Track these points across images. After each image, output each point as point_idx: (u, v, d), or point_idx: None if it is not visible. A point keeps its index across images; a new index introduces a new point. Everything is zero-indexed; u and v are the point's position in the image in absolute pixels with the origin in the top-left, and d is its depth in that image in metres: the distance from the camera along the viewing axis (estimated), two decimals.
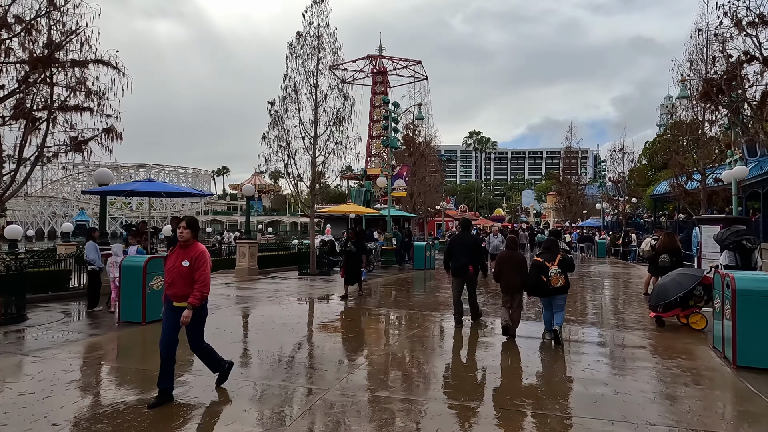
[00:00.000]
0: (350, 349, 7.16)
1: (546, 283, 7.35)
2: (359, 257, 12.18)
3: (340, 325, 8.97)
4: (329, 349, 7.14)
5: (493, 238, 15.81)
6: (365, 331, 8.60)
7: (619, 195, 37.79)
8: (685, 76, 18.01)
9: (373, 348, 7.20)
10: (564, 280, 7.35)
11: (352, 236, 12.25)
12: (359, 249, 12.12)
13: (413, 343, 7.50)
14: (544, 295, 7.53)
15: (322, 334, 8.22)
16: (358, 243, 12.08)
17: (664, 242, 12.00)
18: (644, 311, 10.40)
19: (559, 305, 7.47)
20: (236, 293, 12.56)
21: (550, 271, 7.34)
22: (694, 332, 8.42)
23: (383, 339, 7.92)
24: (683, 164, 21.51)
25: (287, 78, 17.44)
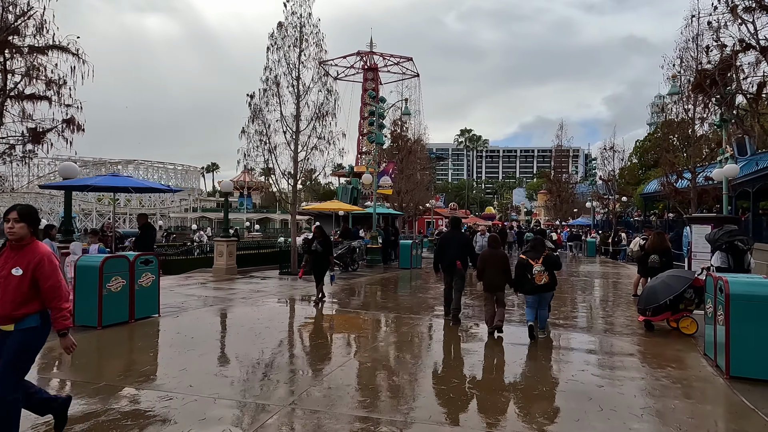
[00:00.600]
0: (317, 357, 6.64)
1: (531, 281, 7.44)
2: (326, 258, 10.95)
3: (313, 331, 8.45)
4: (295, 357, 6.63)
5: (480, 238, 15.22)
6: (338, 336, 8.09)
7: (610, 193, 37.54)
8: (676, 72, 17.65)
9: (342, 357, 6.69)
10: (548, 277, 7.42)
11: (317, 235, 11.05)
12: (326, 249, 10.94)
13: (389, 350, 7.00)
14: (529, 292, 7.59)
15: (289, 341, 7.69)
16: (325, 242, 10.96)
17: (653, 242, 11.59)
18: (633, 314, 9.98)
19: (544, 303, 7.66)
20: (208, 294, 11.99)
21: (534, 268, 7.43)
22: (685, 337, 8.00)
23: (356, 346, 7.41)
24: (673, 162, 21.22)
25: (268, 70, 16.85)
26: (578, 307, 11.36)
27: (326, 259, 10.94)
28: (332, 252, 11.18)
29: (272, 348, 6.97)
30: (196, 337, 7.48)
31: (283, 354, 6.72)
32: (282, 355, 6.67)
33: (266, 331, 7.99)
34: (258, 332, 7.87)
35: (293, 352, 6.90)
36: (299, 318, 9.27)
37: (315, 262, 10.97)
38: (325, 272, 11.05)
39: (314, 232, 11.27)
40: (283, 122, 17.01)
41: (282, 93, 17.11)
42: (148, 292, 8.73)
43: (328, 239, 11.27)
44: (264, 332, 7.91)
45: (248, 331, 7.97)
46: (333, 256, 11.21)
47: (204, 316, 9.18)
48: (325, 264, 10.97)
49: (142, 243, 10.01)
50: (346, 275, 17.13)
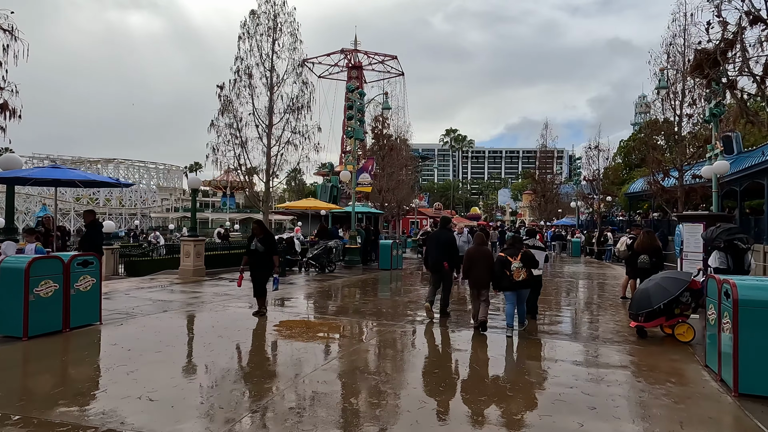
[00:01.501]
0: (266, 375, 5.77)
1: (509, 277, 7.61)
2: (269, 260, 8.98)
3: (275, 341, 7.56)
4: (244, 376, 5.75)
5: (457, 237, 14.46)
6: (302, 347, 7.22)
7: (594, 193, 37.16)
8: (663, 65, 17.12)
9: (303, 369, 5.83)
10: (526, 273, 7.58)
11: (257, 231, 9.05)
12: (268, 249, 8.95)
13: (357, 366, 6.16)
14: (508, 288, 7.76)
15: (242, 355, 6.80)
16: (267, 240, 8.98)
17: (643, 241, 10.92)
18: (623, 319, 9.28)
19: (522, 299, 7.86)
20: (167, 298, 11.02)
21: (513, 265, 7.61)
22: (681, 345, 7.29)
23: (321, 359, 6.55)
24: (660, 160, 20.75)
25: (239, 60, 15.94)
26: (564, 311, 10.64)
27: (269, 262, 8.99)
28: (276, 252, 9.15)
29: (220, 365, 6.08)
30: (134, 349, 6.55)
31: (229, 373, 5.83)
32: (228, 375, 5.78)
33: (218, 343, 7.09)
34: (209, 344, 6.97)
35: (243, 370, 6.01)
36: (262, 325, 8.38)
37: (254, 265, 9.04)
38: (268, 278, 9.16)
39: (253, 229, 9.25)
40: (255, 115, 16.12)
41: (255, 84, 16.22)
42: (87, 297, 7.76)
43: (271, 237, 9.26)
44: (216, 344, 7.01)
45: (198, 343, 7.07)
46: (278, 256, 9.23)
47: (153, 324, 8.24)
48: (268, 267, 9.04)
49: (87, 243, 9.03)
50: (321, 277, 16.26)
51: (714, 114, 14.56)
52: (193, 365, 5.89)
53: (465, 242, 12.46)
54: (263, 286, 9.04)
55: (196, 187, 15.59)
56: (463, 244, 12.31)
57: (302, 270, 17.88)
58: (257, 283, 9.00)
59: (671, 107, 19.93)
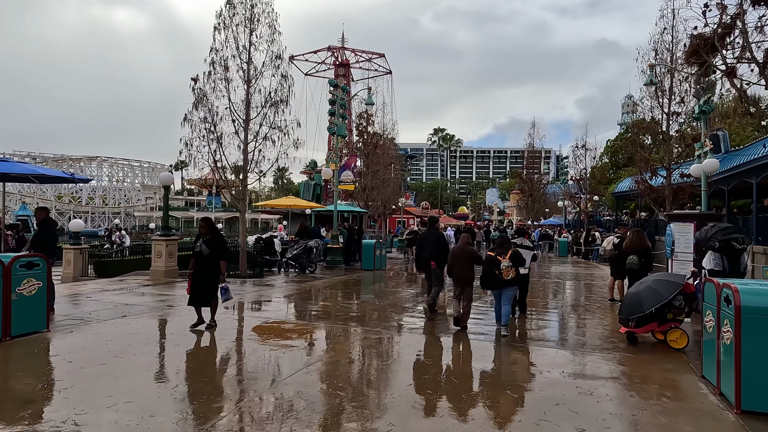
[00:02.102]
0: (219, 392, 5.18)
1: (498, 276, 7.71)
2: (215, 264, 7.74)
3: (238, 351, 6.96)
4: (193, 394, 5.15)
5: None
6: (261, 357, 6.62)
7: (581, 192, 36.95)
8: (651, 62, 16.77)
9: (261, 384, 5.24)
10: (514, 273, 7.68)
11: (205, 231, 7.86)
12: (216, 251, 7.73)
13: (324, 374, 5.58)
14: (496, 287, 7.86)
15: (198, 368, 6.19)
16: (215, 242, 7.76)
17: (632, 241, 10.48)
18: (611, 323, 8.82)
19: (507, 299, 7.90)
20: (132, 301, 10.33)
21: (502, 264, 7.69)
22: (674, 353, 6.83)
23: (283, 370, 5.96)
24: (648, 159, 20.43)
25: (214, 51, 15.21)
26: (551, 314, 10.16)
27: (215, 267, 7.78)
28: (226, 255, 8.01)
29: (170, 379, 5.47)
30: (77, 361, 5.90)
31: (176, 390, 5.23)
32: (175, 392, 5.17)
33: (174, 353, 6.47)
34: (163, 354, 6.35)
35: (193, 386, 5.40)
36: (228, 331, 7.76)
37: (198, 270, 7.76)
38: (213, 286, 7.80)
39: (200, 227, 8.04)
40: (231, 108, 15.41)
41: (231, 77, 15.51)
42: (32, 302, 7.08)
43: (220, 237, 8.02)
44: (171, 354, 6.39)
45: (150, 353, 6.43)
46: (225, 262, 7.98)
47: (106, 331, 7.57)
48: (214, 274, 7.77)
49: (38, 243, 8.33)
50: (300, 278, 15.65)
51: (703, 111, 14.22)
52: (137, 381, 5.27)
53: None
54: (206, 295, 7.74)
55: (168, 184, 14.88)
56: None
57: (281, 271, 17.26)
58: (197, 290, 7.67)
59: (659, 105, 19.62)
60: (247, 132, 15.51)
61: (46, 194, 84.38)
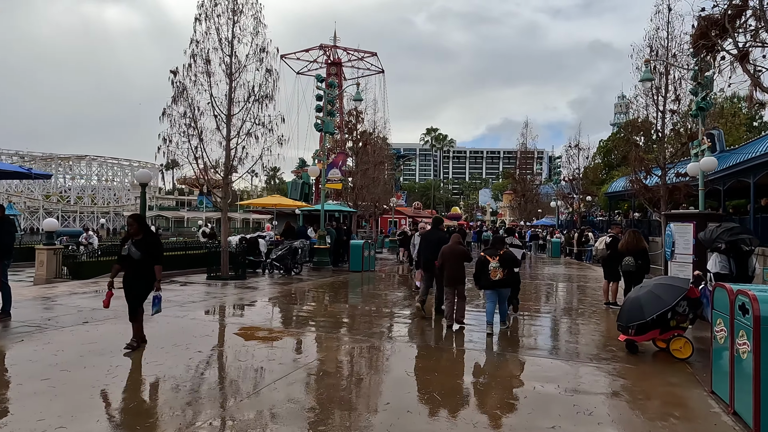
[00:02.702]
0: (168, 414, 4.58)
1: (487, 276, 7.76)
2: (147, 271, 6.38)
3: (199, 359, 6.35)
4: (140, 411, 4.55)
5: (418, 239, 11.58)
6: (232, 368, 6.02)
7: (574, 192, 36.57)
8: (647, 57, 16.34)
9: (216, 406, 4.65)
10: (503, 273, 7.72)
11: (134, 230, 6.45)
12: (147, 254, 6.36)
13: (291, 393, 5.00)
14: (486, 287, 7.90)
15: (146, 380, 5.59)
16: (146, 243, 6.40)
17: (628, 241, 9.98)
18: (608, 329, 8.29)
19: (504, 299, 7.99)
20: (98, 305, 9.66)
21: (491, 264, 7.75)
22: (677, 363, 6.30)
23: (247, 387, 5.36)
24: (642, 158, 20.02)
25: (194, 43, 14.56)
26: (542, 320, 9.62)
27: (147, 273, 6.39)
28: (159, 259, 6.52)
29: (115, 397, 4.87)
30: (17, 375, 5.28)
31: (123, 414, 4.62)
32: (119, 418, 4.57)
33: (129, 366, 5.86)
34: (116, 366, 5.73)
35: (141, 406, 4.80)
36: (191, 340, 7.15)
37: (127, 276, 6.47)
38: (145, 294, 6.49)
39: (128, 225, 6.62)
40: (213, 102, 14.77)
41: (213, 71, 14.87)
42: None
43: (153, 238, 6.63)
44: (124, 367, 5.78)
45: (102, 367, 5.80)
46: (160, 266, 6.51)
47: (61, 340, 6.93)
48: (146, 281, 6.42)
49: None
50: (284, 280, 15.04)
51: (701, 108, 13.79)
52: (78, 401, 4.66)
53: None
54: (139, 305, 6.45)
55: (145, 181, 14.22)
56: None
57: (265, 272, 16.63)
58: (131, 301, 6.42)
59: (654, 102, 19.22)
60: (230, 127, 14.89)
61: (33, 193, 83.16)
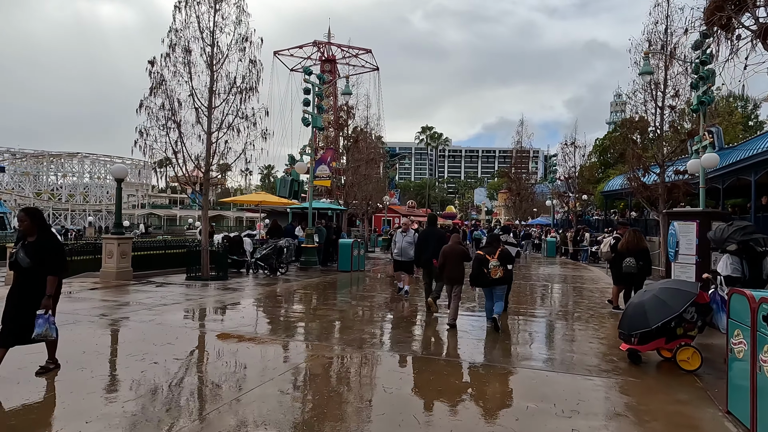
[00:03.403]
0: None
1: (486, 275, 7.74)
2: (37, 281, 5.02)
3: (153, 373, 5.69)
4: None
5: (400, 237, 10.80)
6: (188, 384, 5.37)
7: (570, 191, 36.03)
8: (648, 50, 15.78)
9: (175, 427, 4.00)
10: (503, 272, 7.74)
11: (27, 230, 5.14)
12: (39, 260, 5.03)
13: (257, 413, 4.35)
14: (485, 285, 7.93)
15: (85, 395, 4.93)
16: (39, 248, 5.05)
17: (629, 241, 9.40)
18: (608, 335, 7.69)
19: (499, 295, 7.95)
20: (61, 308, 8.98)
21: (490, 263, 7.73)
22: (685, 376, 5.70)
23: (192, 406, 4.71)
24: (640, 156, 19.46)
25: (173, 32, 13.86)
26: (536, 325, 9.01)
27: (38, 283, 5.01)
28: (56, 268, 5.12)
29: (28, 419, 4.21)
30: None
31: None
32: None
33: (77, 379, 5.20)
34: (60, 381, 5.06)
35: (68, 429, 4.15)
36: (150, 349, 6.48)
37: (14, 286, 5.12)
38: (33, 310, 4.95)
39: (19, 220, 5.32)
40: (194, 96, 14.09)
41: (194, 61, 14.19)
42: None
43: (49, 239, 5.25)
44: (71, 382, 5.12)
45: (36, 385, 5.15)
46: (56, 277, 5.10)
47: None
48: (34, 293, 5.01)
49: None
50: (268, 280, 14.39)
51: (702, 102, 13.24)
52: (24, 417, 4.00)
53: (410, 243, 10.41)
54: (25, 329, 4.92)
55: (121, 177, 13.51)
56: (407, 245, 10.36)
57: (249, 272, 15.97)
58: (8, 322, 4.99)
59: (652, 98, 18.65)
60: (211, 120, 14.21)
61: (24, 191, 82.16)
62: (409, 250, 10.29)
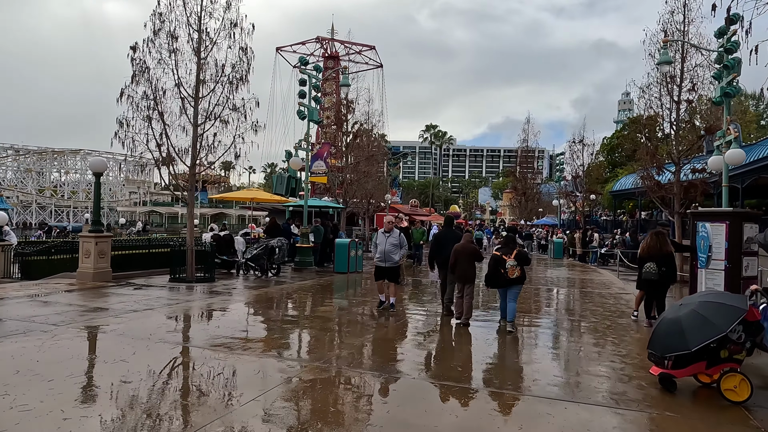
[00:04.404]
0: None
1: (503, 275, 7.81)
2: None
3: (89, 399, 4.76)
4: None
5: (381, 238, 9.32)
6: (107, 416, 4.44)
7: (577, 190, 34.96)
8: (666, 38, 14.75)
9: None
10: (519, 271, 7.82)
11: None
12: None
13: None
14: (500, 286, 7.98)
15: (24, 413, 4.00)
16: None
17: (650, 245, 8.43)
18: (630, 352, 6.72)
19: (513, 296, 7.94)
20: (29, 313, 8.08)
21: (507, 263, 7.79)
22: (732, 409, 4.73)
23: None
24: (654, 153, 18.41)
25: (156, 16, 12.95)
26: (546, 339, 8.03)
27: None
28: None
29: None
30: None
31: None
32: None
33: (17, 394, 4.28)
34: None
35: None
36: (98, 371, 5.56)
37: None
38: None
39: None
40: (181, 86, 13.19)
41: (181, 48, 13.29)
42: None
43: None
44: (13, 398, 4.20)
45: None
46: None
47: None
48: None
49: None
50: (258, 282, 13.48)
51: (727, 93, 12.20)
52: None
53: (395, 245, 9.09)
54: None
55: (99, 171, 12.60)
56: (392, 248, 9.01)
57: (240, 273, 15.06)
58: None
59: (668, 92, 17.62)
60: (197, 111, 13.31)
61: (26, 188, 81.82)
62: (393, 253, 9.08)
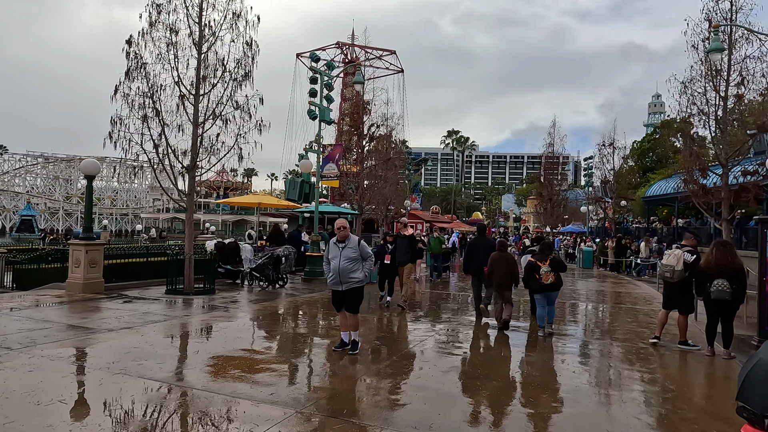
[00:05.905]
0: None
1: (538, 280, 8.12)
2: None
3: None
4: None
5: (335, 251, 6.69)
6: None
7: (607, 196, 33.09)
8: (718, 22, 13.21)
9: None
10: (554, 277, 8.10)
11: None
12: None
13: None
14: (537, 291, 8.29)
15: None
16: None
17: (718, 258, 6.97)
18: (694, 392, 5.31)
19: (552, 300, 8.28)
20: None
21: (542, 269, 8.10)
22: None
23: None
24: (699, 154, 16.74)
25: (153, 6, 12.03)
26: (585, 371, 6.64)
27: None
28: None
29: None
30: None
31: None
32: None
33: None
34: None
35: None
36: (26, 413, 4.46)
37: None
38: None
39: None
40: (179, 80, 12.24)
41: (180, 41, 12.36)
42: None
43: None
44: None
45: None
46: None
47: None
48: None
49: None
50: (262, 295, 12.36)
51: None
52: None
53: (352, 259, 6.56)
54: None
55: (92, 174, 11.69)
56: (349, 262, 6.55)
57: (244, 283, 13.98)
58: None
59: (714, 87, 15.98)
60: (197, 109, 12.33)
61: (54, 195, 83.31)
62: (352, 271, 6.44)
